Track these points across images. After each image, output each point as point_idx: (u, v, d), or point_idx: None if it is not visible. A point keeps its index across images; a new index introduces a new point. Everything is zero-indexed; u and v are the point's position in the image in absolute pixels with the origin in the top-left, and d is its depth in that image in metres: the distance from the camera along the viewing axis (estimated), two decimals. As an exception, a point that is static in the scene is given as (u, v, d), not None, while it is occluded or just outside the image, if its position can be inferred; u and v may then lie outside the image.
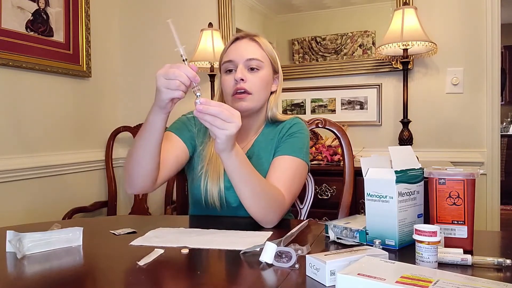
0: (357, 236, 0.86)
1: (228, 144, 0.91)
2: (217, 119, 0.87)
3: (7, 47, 2.02)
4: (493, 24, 2.04)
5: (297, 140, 1.19)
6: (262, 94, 1.19)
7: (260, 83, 1.18)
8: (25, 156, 2.14)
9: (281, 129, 1.22)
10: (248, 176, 0.99)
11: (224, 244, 0.87)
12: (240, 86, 1.15)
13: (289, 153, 1.15)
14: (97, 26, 2.60)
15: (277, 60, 1.26)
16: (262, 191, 1.01)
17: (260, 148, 1.21)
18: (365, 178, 0.85)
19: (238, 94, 1.15)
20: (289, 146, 1.17)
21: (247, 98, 1.15)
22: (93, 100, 2.60)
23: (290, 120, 1.24)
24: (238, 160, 0.96)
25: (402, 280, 0.56)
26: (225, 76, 1.20)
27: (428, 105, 2.17)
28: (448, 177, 0.80)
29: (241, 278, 0.71)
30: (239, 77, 1.14)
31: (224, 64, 1.20)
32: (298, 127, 1.21)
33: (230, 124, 0.88)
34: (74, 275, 0.73)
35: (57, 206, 2.30)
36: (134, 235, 0.96)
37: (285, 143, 1.18)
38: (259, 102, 1.19)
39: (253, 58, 1.17)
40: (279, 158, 1.15)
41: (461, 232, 0.79)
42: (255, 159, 1.19)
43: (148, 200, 2.63)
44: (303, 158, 1.16)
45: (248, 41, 1.21)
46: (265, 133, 1.24)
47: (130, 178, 1.04)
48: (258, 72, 1.18)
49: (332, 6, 2.40)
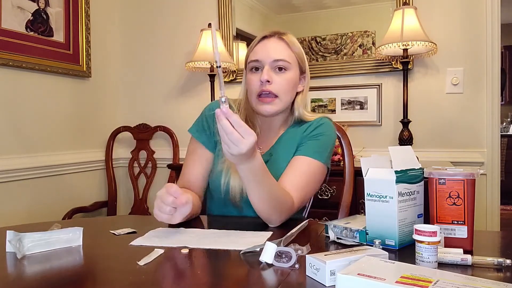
0: (357, 236, 0.86)
1: (235, 160, 0.89)
2: (225, 136, 0.84)
3: (7, 47, 2.02)
4: (493, 24, 2.04)
5: (320, 142, 1.15)
6: (288, 96, 1.16)
7: (286, 85, 1.15)
8: (25, 156, 2.14)
9: (306, 128, 1.18)
10: (259, 185, 0.97)
11: (224, 244, 0.87)
12: (266, 88, 1.12)
13: (309, 154, 1.12)
14: (97, 26, 2.60)
15: (305, 60, 1.22)
16: (271, 198, 0.99)
17: (282, 147, 1.18)
18: (365, 178, 0.85)
19: (264, 97, 1.12)
20: (311, 147, 1.13)
21: (273, 102, 1.13)
22: (93, 100, 2.60)
23: (317, 119, 1.19)
24: (250, 172, 0.93)
25: (402, 280, 0.56)
26: (250, 75, 1.16)
27: (428, 105, 2.17)
28: (448, 177, 0.80)
29: (241, 278, 0.71)
30: (265, 78, 1.11)
31: (251, 63, 1.16)
32: (324, 128, 1.17)
33: (235, 147, 0.83)
34: (74, 275, 0.73)
35: (57, 206, 2.30)
36: (134, 235, 0.96)
37: (307, 143, 1.15)
38: (285, 104, 1.16)
39: (280, 59, 1.14)
40: (298, 158, 1.12)
41: (461, 232, 0.79)
42: (274, 158, 1.16)
43: (148, 200, 2.63)
44: (323, 161, 1.13)
45: (276, 40, 1.16)
46: (290, 132, 1.20)
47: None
48: (285, 73, 1.15)
49: (332, 6, 2.40)
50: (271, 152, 1.18)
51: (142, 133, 2.66)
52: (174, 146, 2.59)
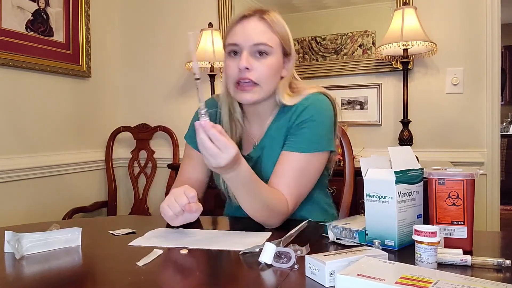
0: (356, 236, 0.86)
1: (217, 171, 0.87)
2: (203, 150, 0.82)
3: (7, 47, 2.02)
4: (493, 24, 2.04)
5: (307, 131, 1.04)
6: (270, 84, 1.06)
7: (268, 71, 1.04)
8: (25, 156, 2.14)
9: (292, 114, 1.06)
10: (247, 193, 0.94)
11: (223, 244, 0.86)
12: (245, 76, 1.02)
13: (296, 149, 1.03)
14: (97, 26, 2.60)
15: (290, 40, 1.09)
16: (262, 205, 0.96)
17: (271, 140, 1.10)
18: (365, 179, 0.85)
19: (242, 85, 1.02)
20: (297, 139, 1.04)
21: (253, 90, 1.03)
22: (93, 100, 2.60)
23: (302, 102, 1.06)
24: (236, 182, 0.91)
25: (401, 280, 0.56)
26: (228, 61, 1.06)
27: (428, 105, 2.17)
28: (447, 177, 0.80)
29: (240, 279, 0.71)
30: (243, 65, 1.01)
31: (228, 47, 1.06)
32: (309, 111, 1.04)
33: (213, 160, 0.82)
34: (73, 276, 0.73)
35: (57, 206, 2.30)
36: (133, 235, 0.95)
37: (293, 136, 1.05)
38: (267, 92, 1.06)
39: (260, 43, 1.03)
40: (285, 154, 1.04)
41: (460, 232, 0.79)
42: (266, 153, 1.10)
43: (148, 200, 2.63)
44: (316, 150, 1.04)
45: (257, 21, 1.04)
46: (277, 121, 1.11)
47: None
48: (267, 58, 1.04)
49: (332, 6, 2.40)
50: (262, 146, 1.12)
51: (142, 133, 2.66)
52: (174, 146, 2.59)
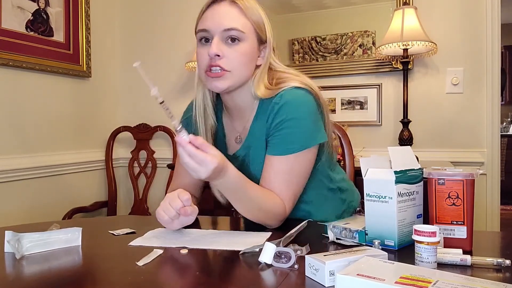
0: (356, 236, 0.86)
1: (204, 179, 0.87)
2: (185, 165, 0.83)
3: (7, 47, 2.02)
4: (493, 24, 2.04)
5: (286, 132, 0.99)
6: (243, 71, 1.01)
7: (240, 58, 0.99)
8: (25, 156, 2.14)
9: (269, 113, 1.02)
10: (239, 197, 0.94)
11: (223, 244, 0.86)
12: (215, 63, 0.97)
13: (280, 152, 0.99)
14: (97, 26, 2.60)
15: (265, 27, 1.04)
16: (257, 207, 0.96)
17: (255, 139, 1.07)
18: (365, 179, 0.85)
19: (213, 72, 0.98)
20: (278, 143, 1.00)
21: (224, 76, 0.98)
22: (93, 100, 2.60)
23: (276, 100, 1.01)
24: (224, 188, 0.92)
25: (401, 280, 0.56)
26: (199, 48, 1.01)
27: (428, 105, 2.17)
28: (447, 177, 0.80)
29: (240, 279, 0.71)
30: (213, 52, 0.96)
31: (199, 33, 1.01)
32: (286, 111, 0.99)
33: (194, 174, 0.83)
34: (73, 276, 0.73)
35: (57, 206, 2.30)
36: (133, 235, 0.96)
37: (274, 139, 1.01)
38: (239, 80, 1.01)
39: (232, 28, 0.98)
40: (269, 158, 1.01)
41: (460, 232, 0.79)
42: (252, 152, 1.08)
43: (148, 200, 2.63)
44: (299, 149, 0.99)
45: (228, 6, 0.99)
46: (258, 119, 1.06)
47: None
48: (239, 44, 0.99)
49: (332, 6, 2.40)
50: (248, 145, 1.09)
51: (142, 133, 2.66)
52: (174, 146, 2.60)
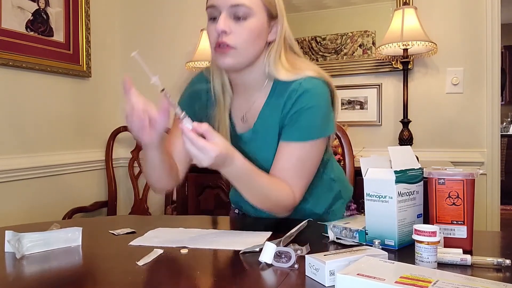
0: (356, 236, 0.86)
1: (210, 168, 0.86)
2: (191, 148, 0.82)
3: (7, 47, 2.02)
4: (493, 24, 2.04)
5: (305, 119, 0.99)
6: (250, 48, 0.99)
7: (247, 35, 0.98)
8: (25, 156, 2.14)
9: (286, 100, 1.01)
10: (248, 185, 0.94)
11: (223, 244, 0.86)
12: (222, 40, 0.97)
13: (295, 138, 1.00)
14: (97, 26, 2.60)
15: (276, 1, 1.03)
16: (266, 196, 0.96)
17: (266, 122, 1.05)
18: (365, 178, 0.85)
19: (220, 48, 0.98)
20: (297, 128, 1.00)
21: (229, 53, 0.97)
22: (93, 100, 2.60)
23: (296, 85, 1.00)
24: (232, 176, 0.91)
25: (401, 280, 0.56)
26: (209, 25, 1.02)
27: (428, 105, 2.17)
28: (447, 177, 0.80)
29: (241, 278, 0.71)
30: (220, 28, 0.96)
31: (208, 10, 1.01)
32: (306, 99, 0.99)
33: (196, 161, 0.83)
34: (73, 275, 0.73)
35: (57, 206, 2.30)
36: (133, 235, 0.96)
37: (290, 125, 1.00)
38: (247, 57, 1.00)
39: (238, 4, 0.96)
40: (285, 145, 1.01)
41: (460, 232, 0.79)
42: (260, 137, 1.06)
43: (148, 200, 2.63)
44: (317, 137, 1.01)
45: None
46: (271, 104, 1.05)
47: (150, 183, 1.05)
48: (246, 21, 0.98)
49: (332, 6, 2.40)
50: (255, 129, 1.07)
51: (142, 133, 2.66)
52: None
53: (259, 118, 1.06)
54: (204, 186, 2.20)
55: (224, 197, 2.15)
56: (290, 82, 1.01)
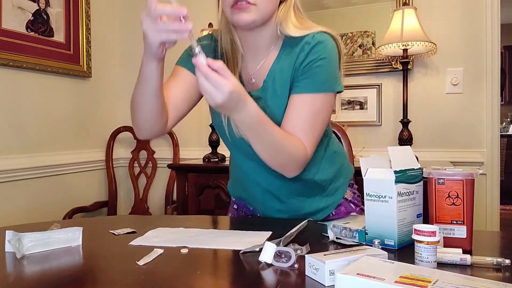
0: (356, 236, 0.86)
1: (224, 110, 0.84)
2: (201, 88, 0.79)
3: (7, 47, 2.02)
4: (493, 24, 2.04)
5: (318, 70, 0.99)
6: (269, 5, 0.99)
7: None
8: (25, 156, 2.14)
9: (298, 53, 1.01)
10: (261, 135, 0.91)
11: (223, 244, 0.87)
12: None
13: (310, 90, 0.98)
14: (97, 26, 2.60)
15: None
16: (278, 148, 0.94)
17: (276, 79, 1.03)
18: (365, 178, 0.85)
19: (238, 5, 0.96)
20: (309, 80, 0.99)
21: (249, 9, 0.96)
22: (93, 100, 2.60)
23: (309, 39, 1.00)
24: (245, 122, 0.88)
25: (401, 280, 0.56)
26: None
27: (428, 105, 2.17)
28: (447, 177, 0.80)
29: (241, 278, 0.71)
30: None
31: None
32: (319, 51, 0.99)
33: (209, 98, 0.80)
34: (73, 275, 0.73)
35: (57, 206, 2.31)
36: (133, 235, 0.96)
37: (304, 77, 0.99)
38: (266, 13, 0.99)
39: None
40: (297, 97, 0.99)
41: (460, 232, 0.79)
42: (270, 94, 1.03)
43: (148, 200, 2.63)
44: (329, 90, 1.00)
45: None
46: (282, 58, 1.04)
47: (135, 124, 1.00)
48: None
49: (332, 6, 2.40)
50: (264, 88, 1.05)
51: (142, 133, 2.66)
52: (174, 146, 2.60)
53: (269, 75, 1.05)
54: (204, 186, 2.20)
55: (224, 197, 2.15)
56: (301, 37, 1.02)
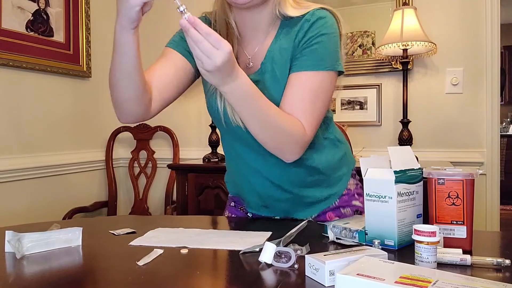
0: (356, 236, 0.86)
1: (214, 80, 0.78)
2: (196, 48, 0.73)
3: (7, 47, 2.02)
4: (493, 24, 2.04)
5: (318, 47, 0.94)
6: None
7: None
8: (25, 156, 2.14)
9: (297, 32, 0.96)
10: (254, 111, 0.85)
11: (223, 244, 0.87)
12: None
13: (308, 67, 0.93)
14: (97, 26, 2.60)
15: None
16: (274, 127, 0.88)
17: (275, 60, 0.98)
18: (365, 178, 0.85)
19: None
20: (308, 57, 0.94)
21: None
22: (93, 100, 2.60)
23: (308, 16, 0.96)
24: (237, 94, 0.82)
25: (401, 280, 0.56)
26: None
27: (428, 105, 2.18)
28: (447, 177, 0.80)
29: (241, 278, 0.71)
30: None
31: None
32: (319, 27, 0.94)
33: (208, 59, 0.73)
34: (73, 275, 0.73)
35: (57, 206, 2.31)
36: (133, 235, 0.96)
37: (302, 54, 0.94)
38: None
39: None
40: (296, 76, 0.94)
41: (460, 232, 0.79)
42: (269, 77, 0.98)
43: (148, 200, 2.63)
44: (329, 68, 0.94)
45: None
46: (279, 41, 0.99)
47: (114, 105, 0.93)
48: None
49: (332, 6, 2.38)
50: (262, 70, 1.00)
51: (142, 133, 2.66)
52: (174, 146, 2.60)
53: (267, 57, 1.00)
54: (204, 186, 2.20)
55: (224, 197, 2.15)
56: (300, 16, 0.97)
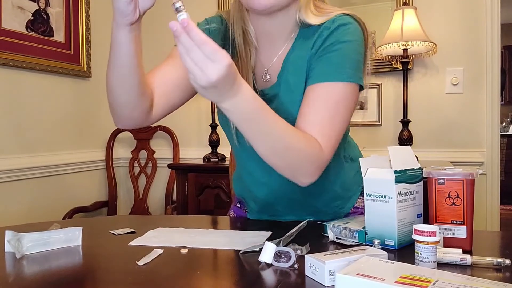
0: (356, 236, 0.86)
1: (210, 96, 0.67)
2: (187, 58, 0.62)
3: (7, 47, 2.02)
4: (493, 24, 2.04)
5: (337, 54, 0.84)
6: None
7: None
8: (25, 156, 2.14)
9: (315, 40, 0.88)
10: (260, 130, 0.74)
11: (223, 244, 0.87)
12: None
13: (324, 78, 0.83)
14: (97, 26, 2.60)
15: None
16: (284, 147, 0.77)
17: (290, 71, 0.90)
18: (365, 178, 0.85)
19: None
20: (325, 66, 0.84)
21: None
22: (93, 100, 2.60)
23: (330, 22, 0.87)
24: (237, 112, 0.71)
25: (401, 280, 0.56)
26: None
27: (428, 105, 2.18)
28: (447, 177, 0.80)
29: (241, 278, 0.71)
30: None
31: None
32: (339, 33, 0.85)
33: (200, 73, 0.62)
34: (73, 275, 0.73)
35: (57, 206, 2.31)
36: (133, 235, 0.96)
37: (319, 63, 0.85)
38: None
39: None
40: (312, 88, 0.84)
41: (460, 232, 0.79)
42: (284, 90, 0.90)
43: (148, 200, 2.63)
44: (350, 80, 0.84)
45: None
46: (297, 51, 0.91)
47: (111, 109, 0.87)
48: None
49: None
50: (278, 83, 0.91)
51: (142, 133, 2.66)
52: (174, 146, 2.60)
53: (283, 68, 0.92)
54: (204, 186, 2.20)
55: (224, 197, 2.15)
56: (320, 24, 0.88)
